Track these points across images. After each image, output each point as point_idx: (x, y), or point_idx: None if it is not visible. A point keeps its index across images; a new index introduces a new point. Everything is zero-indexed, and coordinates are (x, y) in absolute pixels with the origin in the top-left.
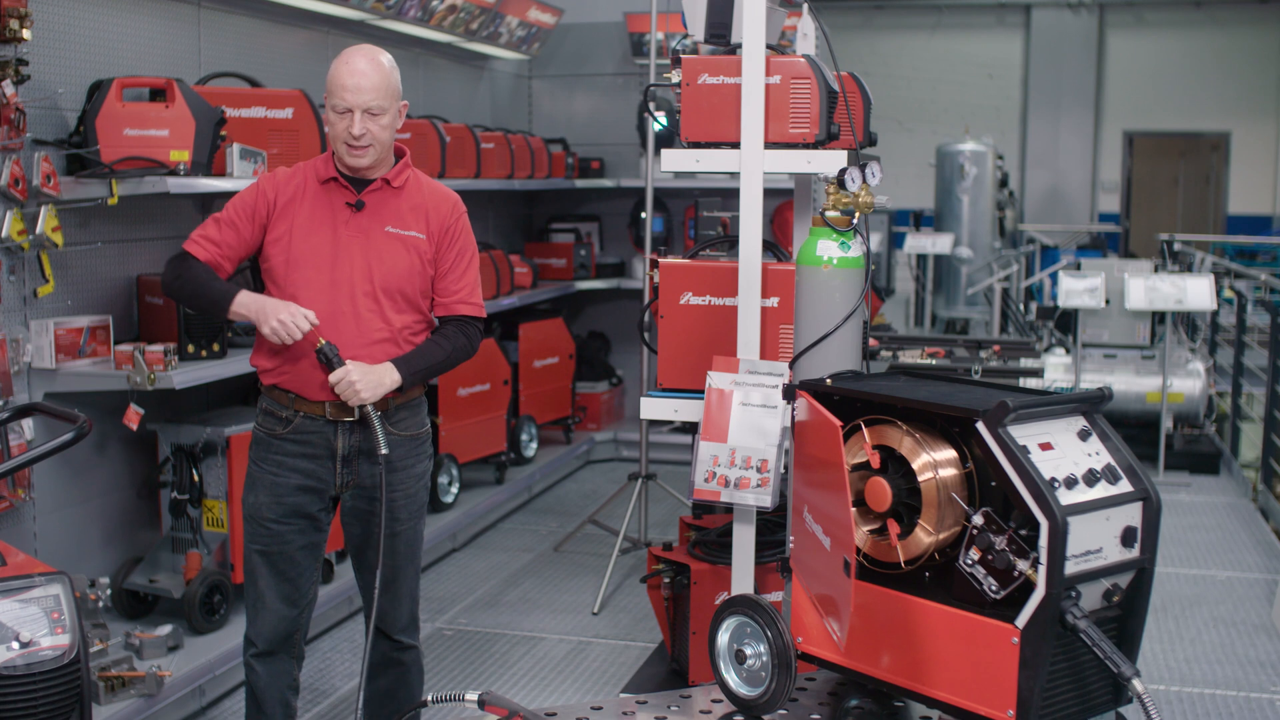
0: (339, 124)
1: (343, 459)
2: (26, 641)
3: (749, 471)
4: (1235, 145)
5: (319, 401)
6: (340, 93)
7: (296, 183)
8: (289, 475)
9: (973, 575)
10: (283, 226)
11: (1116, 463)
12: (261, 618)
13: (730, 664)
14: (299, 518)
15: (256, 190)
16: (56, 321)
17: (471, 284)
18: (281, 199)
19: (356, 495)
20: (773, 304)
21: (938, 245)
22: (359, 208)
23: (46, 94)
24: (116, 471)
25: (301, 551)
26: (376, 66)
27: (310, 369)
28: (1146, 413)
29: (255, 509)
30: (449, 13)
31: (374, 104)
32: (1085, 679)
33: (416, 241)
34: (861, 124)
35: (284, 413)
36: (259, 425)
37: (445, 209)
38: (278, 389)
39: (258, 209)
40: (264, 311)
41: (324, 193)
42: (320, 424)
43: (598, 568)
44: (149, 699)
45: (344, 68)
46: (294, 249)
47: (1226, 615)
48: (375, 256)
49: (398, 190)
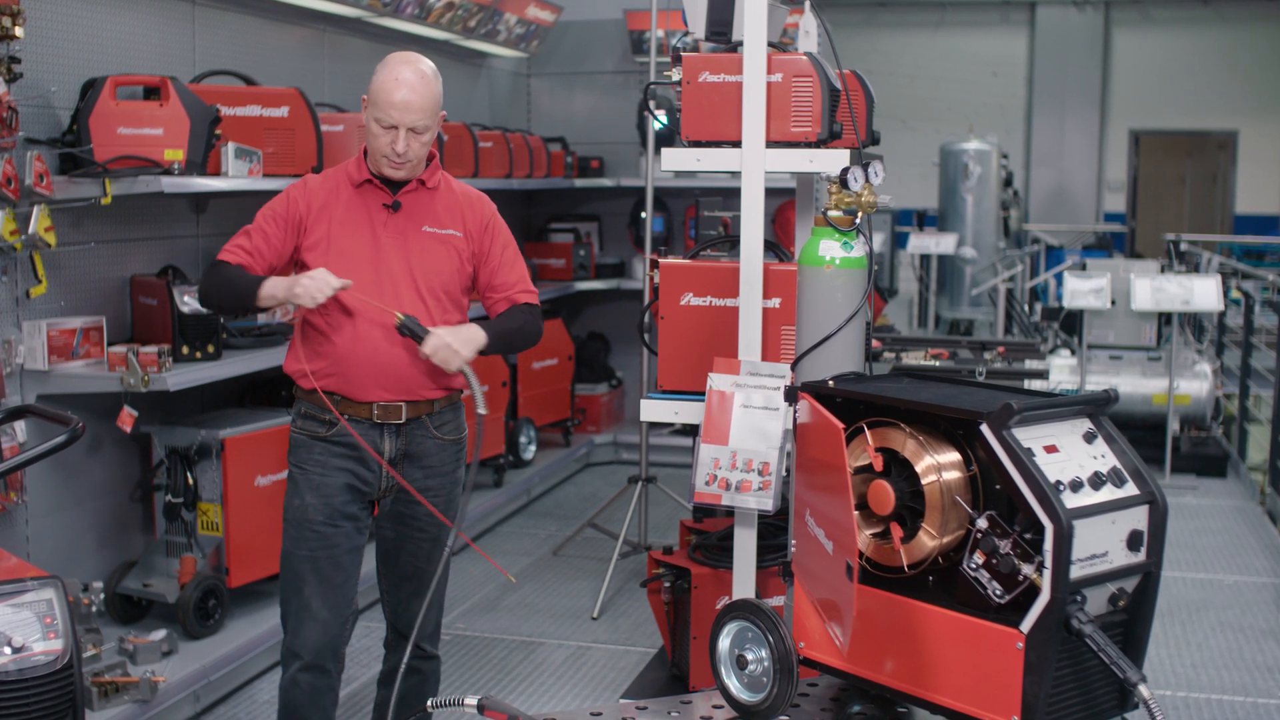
0: (382, 138)
1: (389, 462)
2: (19, 647)
3: (750, 474)
4: (1243, 144)
5: (367, 403)
6: (388, 109)
7: (329, 187)
8: (335, 475)
9: (977, 579)
10: (319, 231)
11: (1122, 465)
12: (307, 628)
13: (731, 669)
14: (346, 519)
15: (287, 197)
16: (49, 322)
17: (523, 273)
18: (315, 204)
19: (397, 499)
20: (774, 305)
21: (941, 245)
22: (396, 208)
23: (39, 92)
24: (110, 474)
25: (348, 556)
26: (425, 82)
27: (362, 367)
28: (1153, 415)
29: (302, 512)
30: (446, 10)
31: (419, 123)
32: (1091, 684)
33: (455, 240)
34: (864, 122)
35: (327, 415)
36: (299, 429)
37: (480, 207)
38: (321, 393)
39: (290, 214)
40: (293, 283)
41: (358, 195)
42: (366, 427)
43: (597, 572)
44: (143, 705)
45: (392, 82)
46: (333, 252)
47: (1234, 620)
48: (416, 256)
49: (432, 191)
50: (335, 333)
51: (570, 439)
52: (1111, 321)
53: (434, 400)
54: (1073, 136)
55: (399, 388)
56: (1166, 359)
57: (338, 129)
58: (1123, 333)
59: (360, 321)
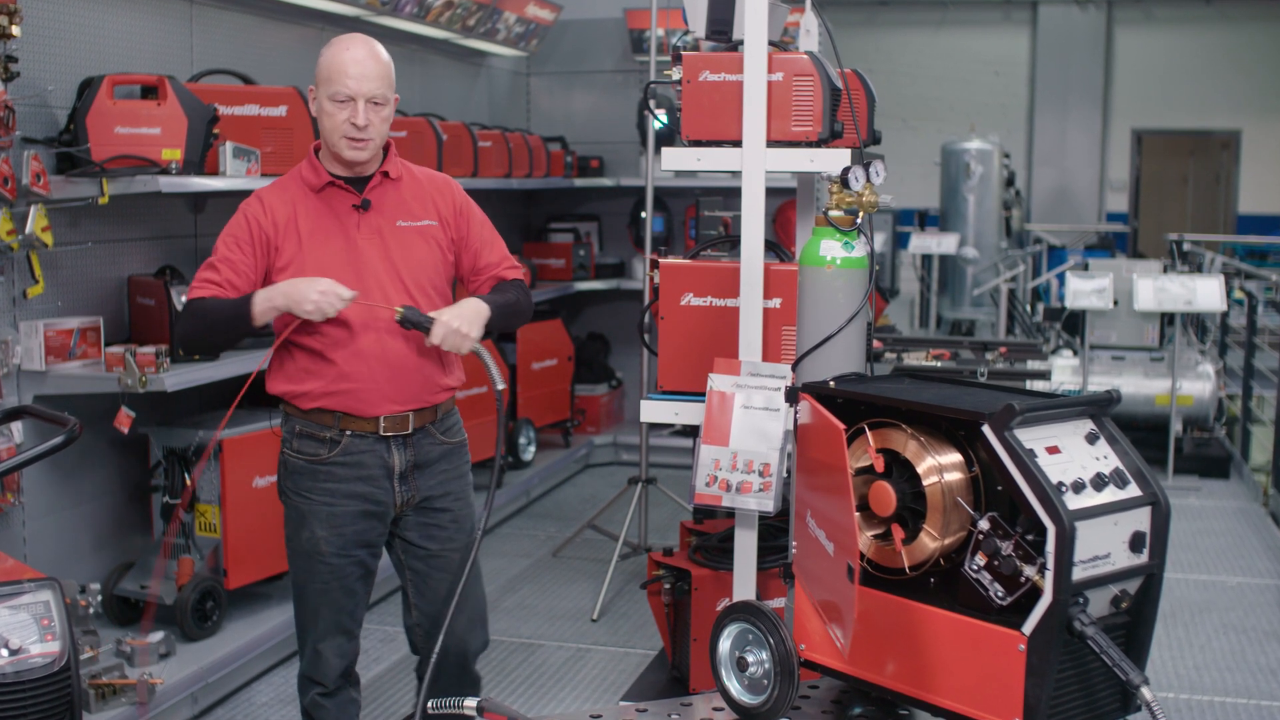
0: (338, 115)
1: (400, 476)
2: (16, 649)
3: (751, 475)
4: (1246, 144)
5: (372, 418)
6: (342, 79)
7: (286, 199)
8: (346, 503)
9: (978, 581)
10: (289, 249)
11: (1125, 466)
12: (325, 658)
13: (732, 671)
14: (360, 547)
15: (245, 218)
16: (46, 323)
17: (504, 249)
18: (279, 219)
19: (419, 510)
20: (775, 305)
21: (943, 245)
22: (366, 207)
23: (36, 91)
24: (107, 475)
25: (361, 582)
26: (377, 54)
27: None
28: (1155, 416)
29: (312, 545)
30: (445, 9)
31: (378, 93)
32: (1093, 687)
33: (432, 230)
34: (865, 122)
35: (327, 434)
36: (294, 452)
37: (448, 190)
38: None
39: (255, 236)
40: (297, 293)
41: (322, 201)
42: (371, 442)
43: (597, 573)
44: (140, 707)
45: (344, 54)
46: (309, 266)
47: (1237, 622)
48: (397, 254)
49: (396, 182)
50: (334, 348)
51: (570, 440)
52: (1114, 322)
53: (438, 405)
54: (1075, 136)
55: (407, 397)
56: (1169, 360)
57: None
58: (1125, 333)
59: (361, 333)
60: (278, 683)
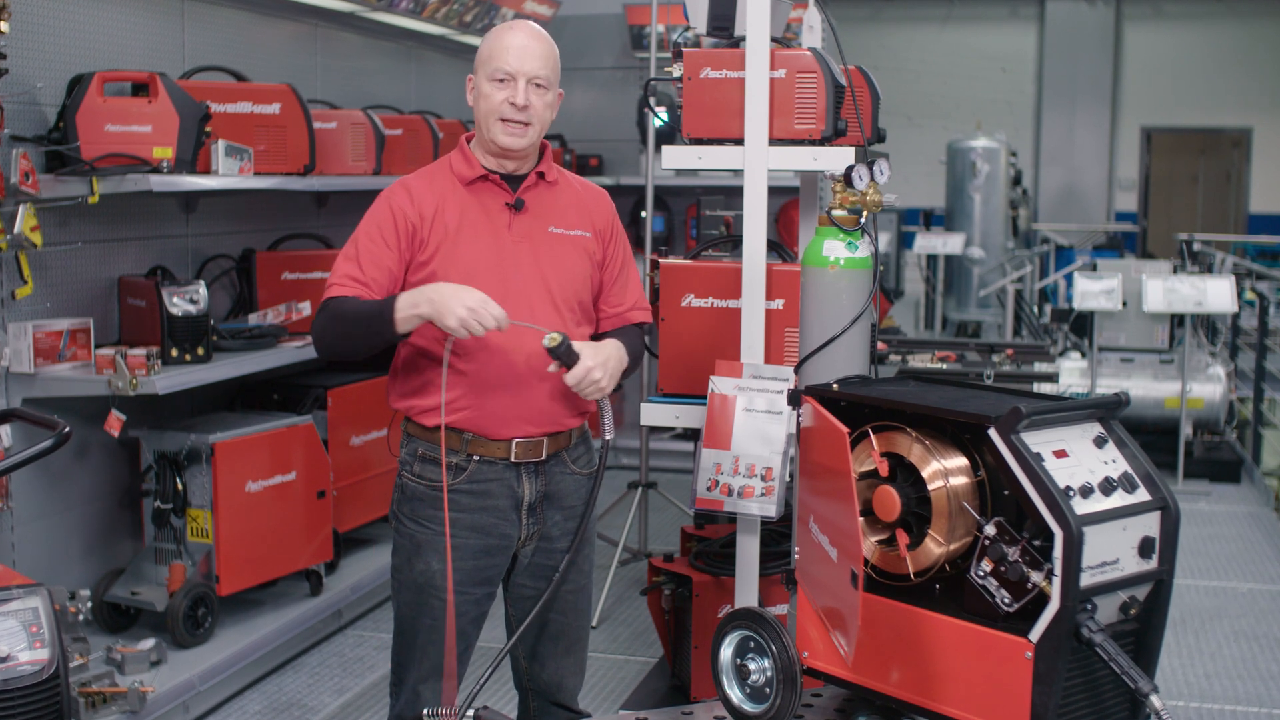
0: (496, 95)
1: (528, 508)
2: (4, 656)
3: (753, 480)
4: (1257, 142)
5: (503, 441)
6: (503, 55)
7: (435, 190)
8: (468, 536)
9: (984, 587)
10: (434, 244)
11: (1134, 471)
12: (424, 702)
13: (733, 679)
14: (477, 585)
15: (389, 208)
16: (35, 324)
17: (640, 287)
18: (425, 210)
19: (539, 549)
20: (777, 306)
21: (948, 245)
22: (519, 207)
23: (25, 88)
24: (97, 480)
25: (473, 625)
26: (542, 36)
27: (502, 397)
28: (1165, 419)
29: (427, 578)
30: (442, 5)
31: (541, 74)
32: (1101, 695)
33: (584, 241)
34: (870, 120)
35: (454, 459)
36: (413, 476)
37: (604, 205)
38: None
39: (401, 228)
40: (442, 301)
41: (472, 195)
42: (500, 469)
43: (596, 579)
44: (131, 715)
45: (507, 34)
46: (454, 267)
47: (1248, 629)
48: (547, 262)
49: (552, 185)
50: (465, 359)
51: None
52: (1123, 323)
53: (571, 431)
54: (1083, 134)
55: (542, 419)
56: (1179, 362)
57: (330, 126)
58: (1134, 335)
59: (498, 344)
60: (270, 691)
